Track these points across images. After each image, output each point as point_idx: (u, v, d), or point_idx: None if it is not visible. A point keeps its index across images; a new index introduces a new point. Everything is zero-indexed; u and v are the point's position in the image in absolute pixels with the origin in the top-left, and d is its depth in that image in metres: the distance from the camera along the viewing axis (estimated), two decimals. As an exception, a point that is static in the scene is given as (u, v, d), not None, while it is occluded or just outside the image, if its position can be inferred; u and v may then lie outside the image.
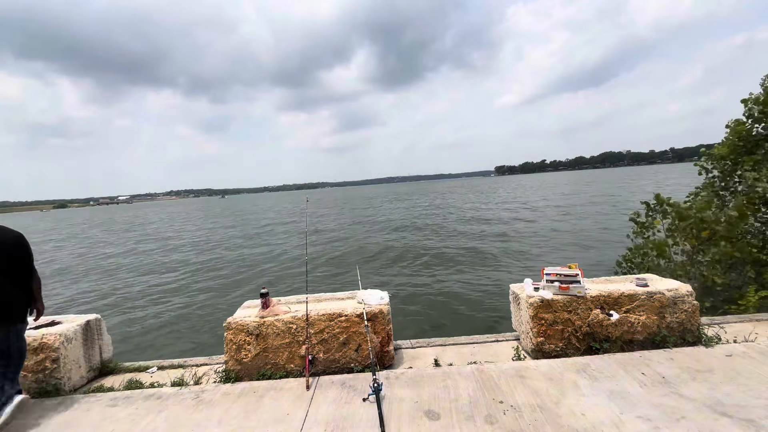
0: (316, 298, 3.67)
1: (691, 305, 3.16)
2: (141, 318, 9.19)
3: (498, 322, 7.00)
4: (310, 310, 3.21)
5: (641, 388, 2.51)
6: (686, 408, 2.26)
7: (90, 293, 12.22)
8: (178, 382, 3.11)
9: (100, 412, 2.69)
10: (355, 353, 3.13)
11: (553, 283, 3.23)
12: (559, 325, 3.12)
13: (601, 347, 3.09)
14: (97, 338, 3.52)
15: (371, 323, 3.16)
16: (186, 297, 10.88)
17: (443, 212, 30.61)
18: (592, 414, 2.27)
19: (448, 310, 8.14)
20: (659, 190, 7.57)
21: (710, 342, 3.09)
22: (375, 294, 3.40)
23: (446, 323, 7.45)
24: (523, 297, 3.32)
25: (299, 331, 3.13)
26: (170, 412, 2.63)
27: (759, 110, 5.87)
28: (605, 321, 3.10)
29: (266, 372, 3.09)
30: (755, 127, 5.95)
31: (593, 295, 3.16)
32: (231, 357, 3.14)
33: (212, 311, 9.29)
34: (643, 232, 6.42)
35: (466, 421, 2.28)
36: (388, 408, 2.45)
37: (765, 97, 5.83)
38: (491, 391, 2.58)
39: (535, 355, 3.16)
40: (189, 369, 3.46)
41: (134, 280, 13.76)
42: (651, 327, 3.12)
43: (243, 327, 3.14)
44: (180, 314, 9.28)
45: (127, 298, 11.29)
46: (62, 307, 10.74)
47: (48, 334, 3.08)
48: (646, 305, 3.14)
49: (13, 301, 2.65)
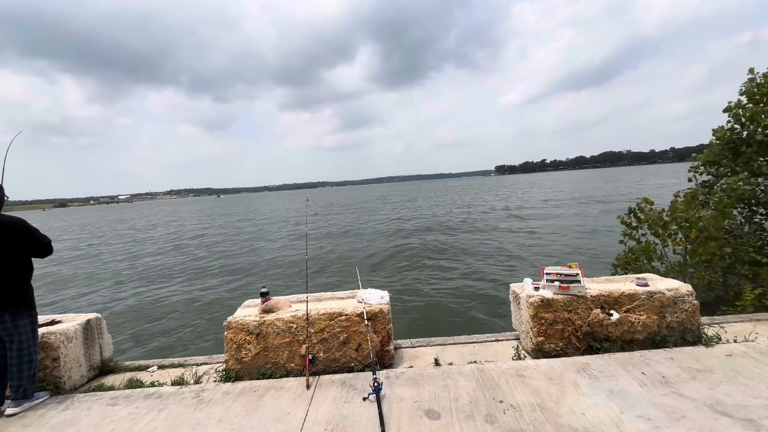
0: (316, 298, 3.67)
1: (692, 305, 3.15)
2: (141, 317, 9.20)
3: (498, 322, 7.01)
4: (311, 310, 3.21)
5: (641, 387, 2.51)
6: (686, 408, 2.26)
7: (89, 294, 12.23)
8: (179, 381, 3.12)
9: (101, 411, 2.70)
10: (355, 352, 3.13)
11: (553, 283, 3.23)
12: (560, 324, 3.12)
13: (601, 347, 3.09)
14: (98, 337, 3.52)
15: (371, 322, 3.16)
16: (186, 296, 10.89)
17: (474, 211, 29.39)
18: (592, 413, 2.27)
19: (448, 310, 8.14)
20: (660, 190, 7.59)
21: (710, 342, 3.09)
22: (375, 293, 3.40)
23: (446, 323, 7.45)
24: (523, 296, 3.32)
25: (299, 330, 3.13)
26: (170, 411, 2.63)
27: (743, 114, 5.97)
28: (605, 320, 3.10)
29: (266, 371, 3.09)
30: (743, 132, 6.05)
31: (593, 295, 3.16)
32: (231, 356, 3.14)
33: (212, 310, 9.29)
34: (632, 233, 6.44)
35: (466, 420, 2.28)
36: (388, 407, 2.46)
37: (748, 101, 5.93)
38: (491, 391, 2.58)
39: (535, 354, 3.16)
40: (189, 368, 3.46)
41: (134, 280, 13.76)
42: (651, 327, 3.12)
43: (243, 326, 3.15)
44: (180, 313, 9.29)
45: (127, 297, 11.29)
46: (84, 306, 10.75)
47: (48, 333, 3.08)
48: (646, 305, 3.14)
49: (16, 288, 2.68)
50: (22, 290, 2.73)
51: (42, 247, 2.82)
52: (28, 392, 2.76)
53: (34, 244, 2.78)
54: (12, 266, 2.68)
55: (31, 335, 2.77)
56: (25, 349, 2.72)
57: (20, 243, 2.71)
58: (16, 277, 2.70)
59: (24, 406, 2.72)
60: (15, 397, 2.72)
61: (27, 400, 2.75)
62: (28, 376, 2.75)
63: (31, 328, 2.77)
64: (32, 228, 2.79)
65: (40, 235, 2.82)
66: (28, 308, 2.76)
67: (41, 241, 2.81)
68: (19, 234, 2.71)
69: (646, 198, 6.30)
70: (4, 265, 2.64)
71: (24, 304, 2.73)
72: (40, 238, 2.81)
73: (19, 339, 2.69)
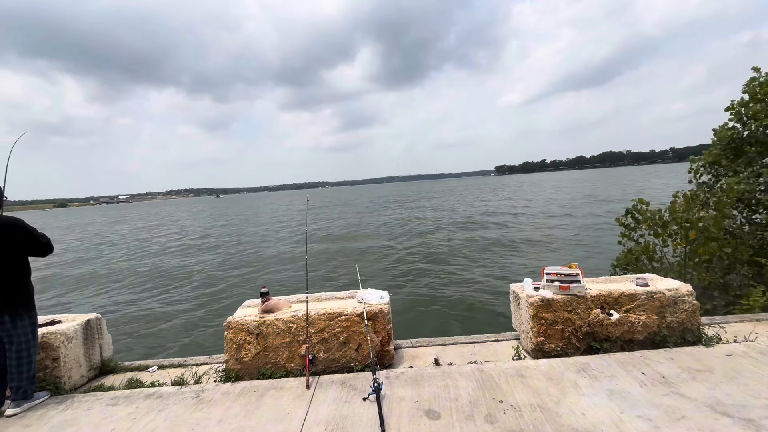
0: (316, 298, 3.67)
1: (692, 305, 3.15)
2: (141, 317, 9.20)
3: (498, 322, 7.01)
4: (311, 310, 3.21)
5: (641, 387, 2.51)
6: (686, 408, 2.26)
7: (89, 294, 12.23)
8: (179, 381, 3.11)
9: (101, 411, 2.70)
10: (355, 352, 3.13)
11: (553, 283, 3.23)
12: (560, 324, 3.12)
13: (601, 347, 3.09)
14: (98, 337, 3.52)
15: (371, 322, 3.16)
16: (186, 296, 10.89)
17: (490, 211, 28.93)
18: (592, 414, 2.26)
19: (448, 310, 8.14)
20: (662, 190, 7.60)
21: (710, 342, 3.08)
22: (375, 293, 3.40)
23: (446, 323, 7.45)
24: (523, 296, 3.32)
25: (299, 330, 3.13)
26: (170, 411, 2.63)
27: (745, 113, 5.95)
28: (605, 321, 3.10)
29: (266, 371, 3.09)
30: (744, 131, 6.03)
31: (593, 295, 3.16)
32: (231, 356, 3.14)
33: (212, 310, 9.29)
34: (630, 234, 6.44)
35: (466, 420, 2.28)
36: (389, 407, 2.45)
37: (751, 99, 5.91)
38: (491, 391, 2.58)
39: (535, 354, 3.16)
40: (189, 368, 3.46)
41: (134, 280, 13.76)
42: (651, 327, 3.12)
43: (243, 326, 3.14)
44: (180, 313, 9.29)
45: (127, 297, 11.29)
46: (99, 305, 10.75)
47: (48, 333, 3.08)
48: (646, 305, 3.14)
49: (15, 289, 2.68)
50: (20, 291, 2.72)
51: (41, 246, 2.82)
52: (28, 393, 2.76)
53: (34, 243, 2.77)
54: (10, 267, 2.68)
55: (30, 336, 2.76)
56: (24, 350, 2.72)
57: (19, 243, 2.71)
58: (14, 277, 2.70)
59: (24, 406, 2.72)
60: (15, 398, 2.72)
61: (27, 400, 2.75)
62: (28, 377, 2.75)
63: (30, 330, 2.76)
64: (30, 227, 2.79)
65: (38, 233, 2.81)
66: (27, 309, 2.76)
67: (40, 240, 2.80)
68: (18, 234, 2.70)
69: (641, 199, 6.29)
70: (2, 266, 2.64)
71: (23, 305, 2.73)
72: (39, 237, 2.80)
73: (18, 340, 2.69)
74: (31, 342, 2.76)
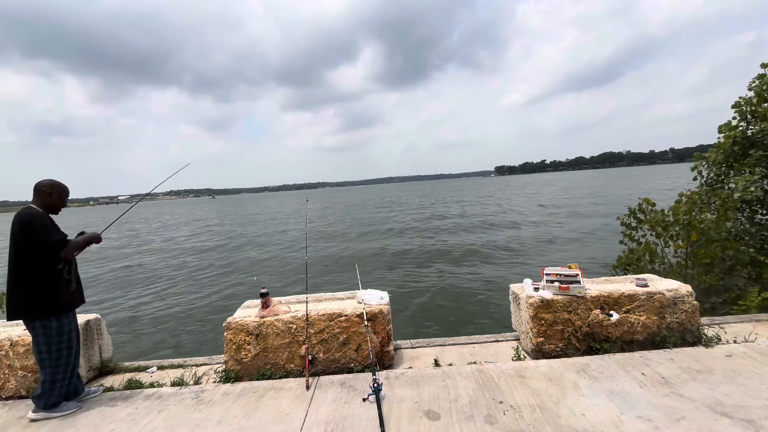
0: (316, 298, 3.66)
1: (691, 305, 3.15)
2: (141, 317, 9.19)
3: (498, 322, 7.00)
4: (310, 310, 3.21)
5: (641, 388, 2.51)
6: (686, 408, 2.26)
7: (89, 294, 12.22)
8: (178, 381, 3.11)
9: (100, 411, 2.69)
10: (355, 353, 3.13)
11: (553, 283, 3.22)
12: (559, 325, 3.12)
13: (601, 347, 3.09)
14: (97, 338, 3.52)
15: (371, 323, 3.16)
16: (186, 297, 10.88)
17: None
18: (592, 414, 2.26)
19: (448, 310, 8.14)
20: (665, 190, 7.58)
21: (710, 342, 3.09)
22: (375, 294, 3.40)
23: (446, 323, 7.45)
24: (523, 297, 3.31)
25: (299, 330, 3.13)
26: (170, 412, 2.62)
27: (750, 111, 5.90)
28: (605, 321, 3.10)
29: (266, 372, 3.09)
30: (749, 129, 5.99)
31: (593, 295, 3.16)
32: (231, 357, 3.13)
33: (212, 311, 9.29)
34: (632, 234, 6.42)
35: (466, 421, 2.28)
36: (388, 408, 2.45)
37: (757, 98, 5.87)
38: (491, 391, 2.58)
39: (535, 355, 3.16)
40: (189, 369, 3.46)
41: (134, 280, 13.75)
42: (651, 327, 3.12)
43: (243, 327, 3.14)
44: (180, 314, 9.28)
45: (127, 297, 11.28)
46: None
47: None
48: (646, 305, 3.14)
49: (23, 294, 2.54)
50: (30, 296, 2.56)
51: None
52: (48, 404, 2.62)
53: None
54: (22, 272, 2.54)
55: (42, 341, 2.58)
56: (37, 354, 2.61)
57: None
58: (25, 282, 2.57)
59: (40, 414, 2.61)
60: (34, 401, 2.64)
61: (45, 410, 2.62)
62: (43, 382, 2.63)
63: (44, 340, 2.59)
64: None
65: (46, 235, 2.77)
66: (39, 315, 2.57)
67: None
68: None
69: (647, 199, 6.28)
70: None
71: (38, 309, 2.56)
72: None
73: (34, 341, 2.61)
74: (43, 347, 2.60)
